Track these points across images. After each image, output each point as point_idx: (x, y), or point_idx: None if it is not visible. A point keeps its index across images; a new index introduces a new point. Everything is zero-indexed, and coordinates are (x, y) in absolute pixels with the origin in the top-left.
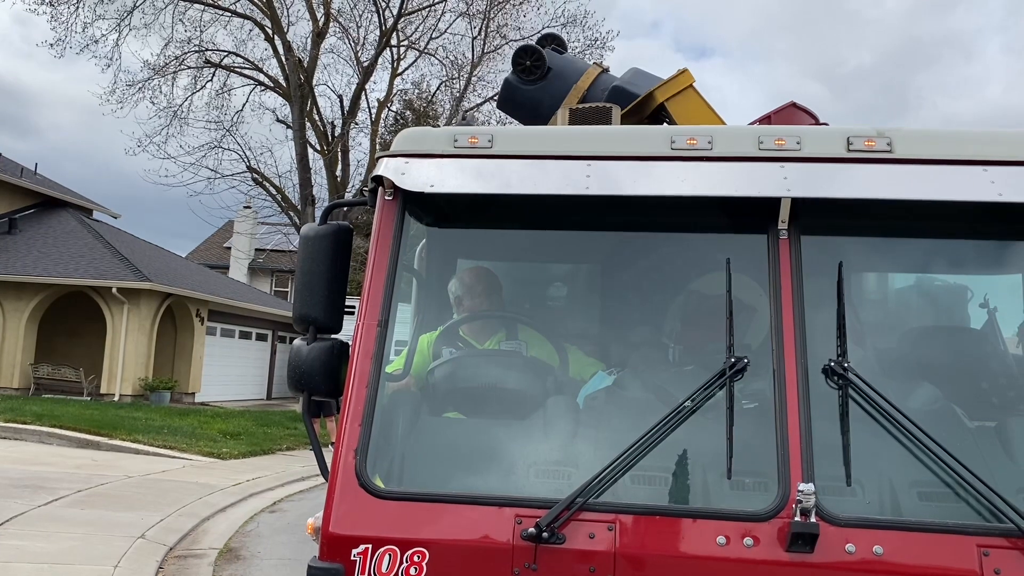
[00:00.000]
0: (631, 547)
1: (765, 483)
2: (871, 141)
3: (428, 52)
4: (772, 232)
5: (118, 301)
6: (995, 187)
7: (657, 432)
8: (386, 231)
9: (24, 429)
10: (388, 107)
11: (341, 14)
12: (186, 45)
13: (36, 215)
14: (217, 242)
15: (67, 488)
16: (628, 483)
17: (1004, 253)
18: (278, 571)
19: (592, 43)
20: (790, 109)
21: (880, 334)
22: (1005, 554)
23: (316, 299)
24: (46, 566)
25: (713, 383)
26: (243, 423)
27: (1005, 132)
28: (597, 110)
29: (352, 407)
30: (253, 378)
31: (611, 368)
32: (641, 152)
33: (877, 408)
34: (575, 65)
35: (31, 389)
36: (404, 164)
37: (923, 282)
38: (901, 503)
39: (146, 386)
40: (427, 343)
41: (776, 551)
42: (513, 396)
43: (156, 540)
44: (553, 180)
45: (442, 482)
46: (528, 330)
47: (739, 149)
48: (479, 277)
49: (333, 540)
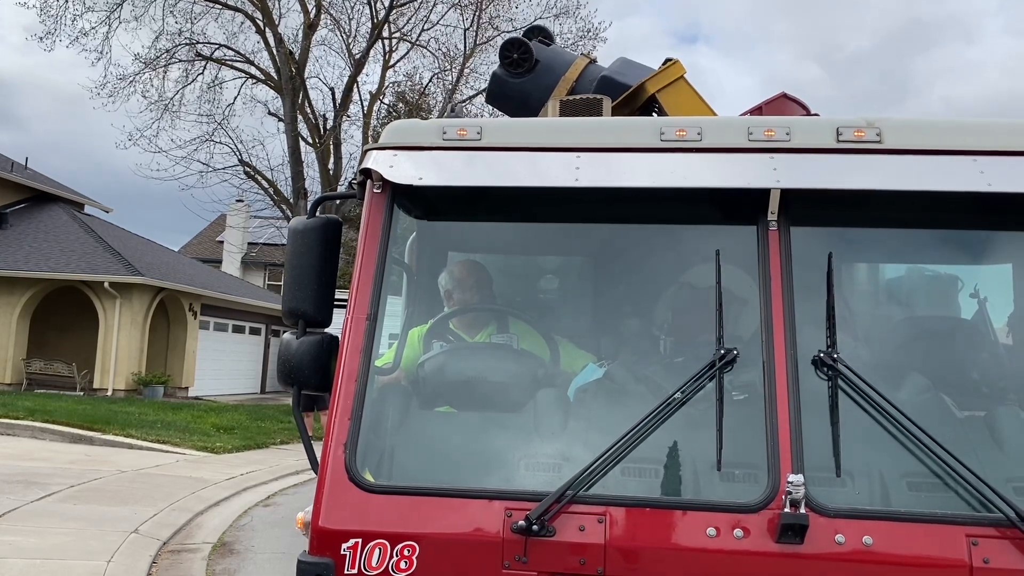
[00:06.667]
0: (621, 539)
1: (755, 475)
2: (860, 132)
3: (420, 44)
4: (762, 223)
5: (110, 295)
6: (984, 177)
7: (647, 424)
8: (375, 224)
9: (16, 424)
10: (380, 100)
11: (332, 6)
12: (177, 38)
13: (27, 209)
14: (210, 236)
15: (60, 483)
16: (618, 475)
17: (994, 243)
18: (272, 565)
19: (584, 34)
20: (781, 100)
21: (870, 325)
22: (994, 543)
23: (305, 293)
24: (39, 561)
25: (703, 375)
26: (237, 417)
27: (994, 122)
28: (588, 101)
29: (341, 401)
30: (247, 372)
31: (602, 360)
32: (630, 144)
33: (867, 399)
34: (563, 57)
35: (23, 384)
36: (392, 157)
37: (913, 273)
38: (891, 494)
39: (139, 381)
40: (417, 336)
41: (766, 542)
42: (503, 389)
43: (149, 535)
44: (542, 172)
45: (432, 476)
46: (518, 323)
47: (729, 140)
48: (469, 270)
49: (323, 534)
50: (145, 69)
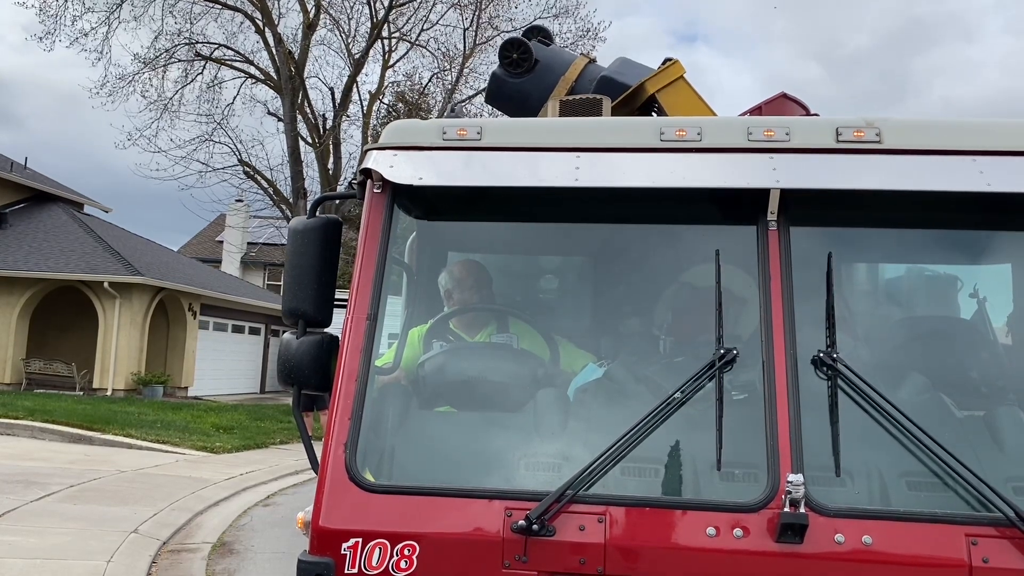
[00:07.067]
0: (621, 539)
1: (755, 474)
2: (860, 132)
3: (420, 44)
4: (761, 223)
5: (110, 295)
6: (984, 177)
7: (647, 424)
8: (375, 224)
9: (16, 424)
10: (380, 99)
11: (332, 6)
12: (176, 38)
13: (27, 209)
14: (209, 236)
15: (59, 483)
16: (618, 475)
17: (993, 243)
18: (272, 564)
19: (584, 34)
20: (780, 100)
21: (869, 324)
22: (993, 543)
23: (305, 293)
24: (39, 561)
25: (703, 375)
26: (236, 417)
27: (994, 122)
28: (588, 101)
29: (341, 401)
30: (246, 372)
31: (601, 360)
32: (630, 144)
33: (866, 399)
34: (562, 57)
35: (23, 384)
36: (392, 157)
37: (912, 273)
38: (890, 493)
39: (139, 381)
40: (417, 336)
41: (766, 542)
42: (503, 389)
43: (149, 535)
44: (542, 173)
45: (432, 475)
46: (518, 323)
47: (728, 140)
48: (469, 270)
49: (323, 534)
50: (144, 69)
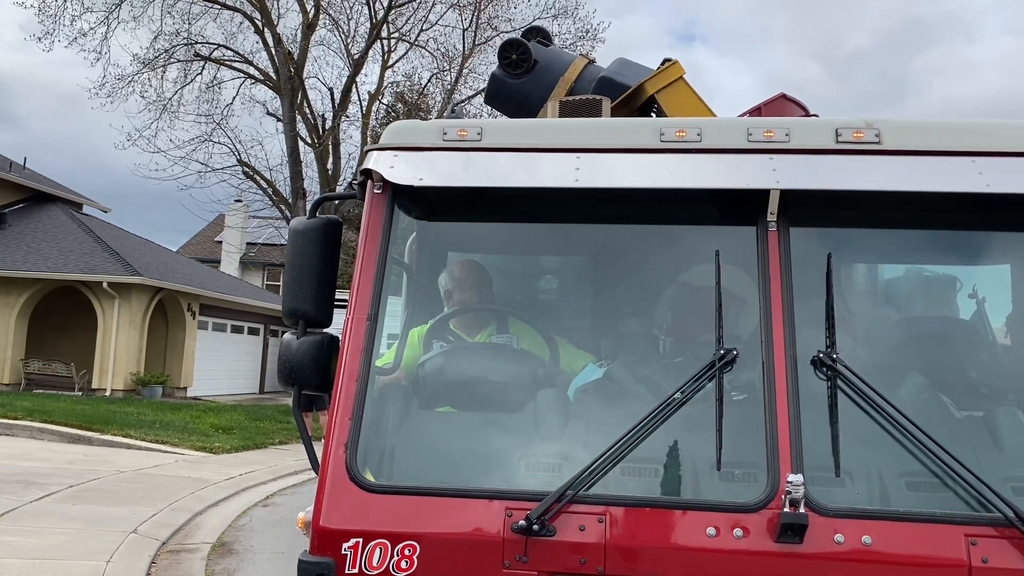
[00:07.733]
0: (621, 539)
1: (754, 474)
2: (859, 132)
3: (419, 44)
4: (761, 224)
5: (109, 295)
6: (983, 178)
7: (647, 424)
8: (375, 225)
9: (15, 425)
10: (379, 100)
11: (331, 6)
12: (175, 38)
13: (25, 209)
14: (208, 236)
15: (59, 483)
16: (618, 475)
17: (992, 244)
18: (271, 565)
19: (583, 34)
20: (780, 100)
21: (869, 325)
22: (993, 543)
23: (305, 293)
24: (38, 561)
25: (703, 375)
26: (235, 417)
27: (993, 123)
28: (588, 102)
29: (342, 401)
30: (245, 372)
31: (601, 360)
32: (630, 145)
33: (866, 399)
34: (561, 57)
35: (22, 384)
36: (393, 157)
37: (912, 273)
38: (890, 493)
39: (138, 381)
40: (417, 336)
41: (765, 542)
42: (503, 389)
43: (149, 535)
44: (543, 173)
45: (432, 475)
46: (518, 323)
47: (728, 141)
48: (469, 270)
49: (324, 534)
50: (144, 69)
